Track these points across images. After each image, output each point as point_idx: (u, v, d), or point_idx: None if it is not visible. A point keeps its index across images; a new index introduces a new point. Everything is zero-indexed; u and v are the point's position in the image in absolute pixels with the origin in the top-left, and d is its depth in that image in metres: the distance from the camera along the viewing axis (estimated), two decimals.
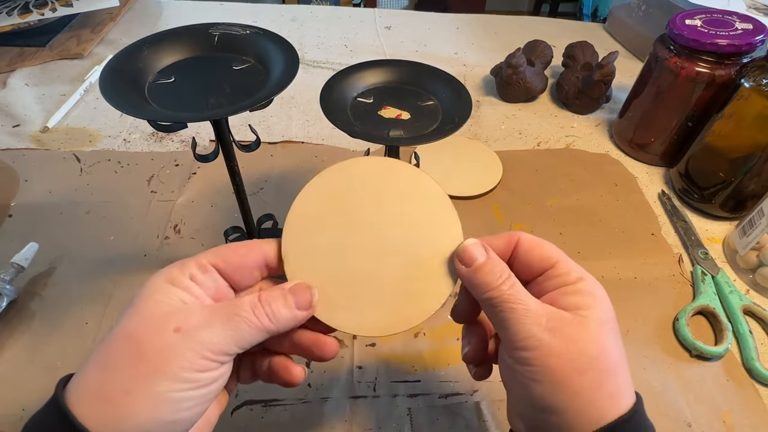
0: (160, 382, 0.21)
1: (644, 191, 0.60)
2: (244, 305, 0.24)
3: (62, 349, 0.42)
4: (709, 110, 0.54)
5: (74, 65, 0.77)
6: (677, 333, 0.45)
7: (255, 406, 0.39)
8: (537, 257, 0.27)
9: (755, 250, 0.49)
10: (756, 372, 0.42)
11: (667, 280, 0.50)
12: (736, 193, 0.53)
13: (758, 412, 0.40)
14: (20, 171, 0.58)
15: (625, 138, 0.65)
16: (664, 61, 0.56)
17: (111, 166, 0.60)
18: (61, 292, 0.46)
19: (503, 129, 0.69)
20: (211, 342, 0.22)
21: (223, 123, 0.35)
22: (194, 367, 0.22)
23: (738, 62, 0.52)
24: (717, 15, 0.55)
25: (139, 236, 0.51)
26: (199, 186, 0.58)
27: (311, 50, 0.85)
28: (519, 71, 0.69)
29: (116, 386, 0.21)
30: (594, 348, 0.24)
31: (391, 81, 0.41)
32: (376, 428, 0.39)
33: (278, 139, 0.65)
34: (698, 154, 0.56)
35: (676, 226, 0.55)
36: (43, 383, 0.40)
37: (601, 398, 0.23)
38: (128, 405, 0.21)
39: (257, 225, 0.45)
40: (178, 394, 0.22)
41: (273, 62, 0.35)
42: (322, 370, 0.42)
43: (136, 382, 0.21)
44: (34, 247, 0.47)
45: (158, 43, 0.36)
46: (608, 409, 0.23)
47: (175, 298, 0.23)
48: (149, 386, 0.21)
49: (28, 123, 0.65)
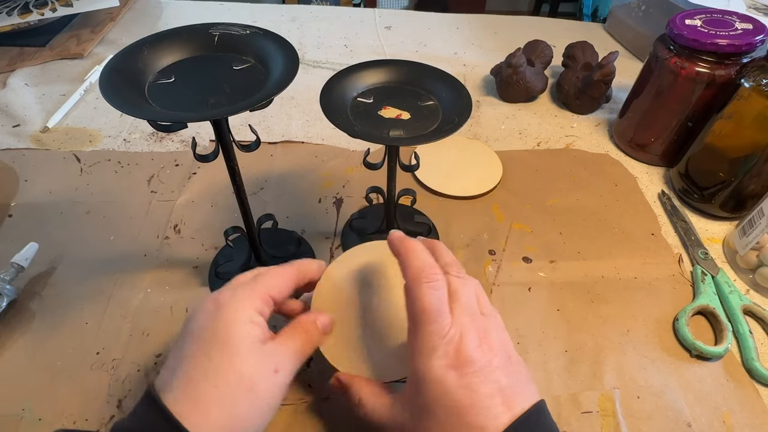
0: (267, 417, 0.29)
1: (644, 191, 0.60)
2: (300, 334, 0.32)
3: (62, 349, 0.42)
4: (709, 110, 0.54)
5: (74, 65, 0.77)
6: (677, 333, 0.45)
7: None
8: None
9: (755, 250, 0.49)
10: (756, 372, 0.42)
11: (667, 280, 0.50)
12: (736, 193, 0.53)
13: (758, 412, 0.40)
14: (20, 171, 0.58)
15: (625, 138, 0.65)
16: (664, 61, 0.56)
17: (111, 166, 0.60)
18: (61, 292, 0.46)
19: (503, 129, 0.69)
20: (292, 372, 0.30)
21: (223, 123, 0.35)
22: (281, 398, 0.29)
23: (738, 62, 0.52)
24: (717, 15, 0.55)
25: (139, 236, 0.51)
26: (199, 186, 0.58)
27: (311, 50, 0.85)
28: (519, 71, 0.69)
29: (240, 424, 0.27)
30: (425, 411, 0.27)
31: (391, 81, 0.41)
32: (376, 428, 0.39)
33: (278, 139, 0.65)
34: (698, 154, 0.56)
35: (676, 226, 0.55)
36: (43, 383, 0.40)
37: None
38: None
39: (257, 225, 0.45)
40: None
41: (273, 62, 0.35)
42: (322, 370, 0.42)
43: (254, 421, 0.28)
44: (34, 247, 0.47)
45: (158, 43, 0.36)
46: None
47: (259, 335, 0.29)
48: (263, 421, 0.28)
49: (28, 123, 0.65)
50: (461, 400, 0.25)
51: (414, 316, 0.28)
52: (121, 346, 0.42)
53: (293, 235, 0.51)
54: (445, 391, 0.26)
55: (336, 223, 0.54)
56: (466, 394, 0.25)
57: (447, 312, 0.27)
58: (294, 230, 0.52)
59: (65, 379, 0.40)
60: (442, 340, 0.26)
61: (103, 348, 0.42)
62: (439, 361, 0.26)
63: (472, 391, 0.25)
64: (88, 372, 0.40)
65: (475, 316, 0.28)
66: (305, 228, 0.53)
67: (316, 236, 0.52)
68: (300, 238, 0.51)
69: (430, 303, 0.27)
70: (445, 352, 0.26)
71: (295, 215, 0.54)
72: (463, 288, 0.29)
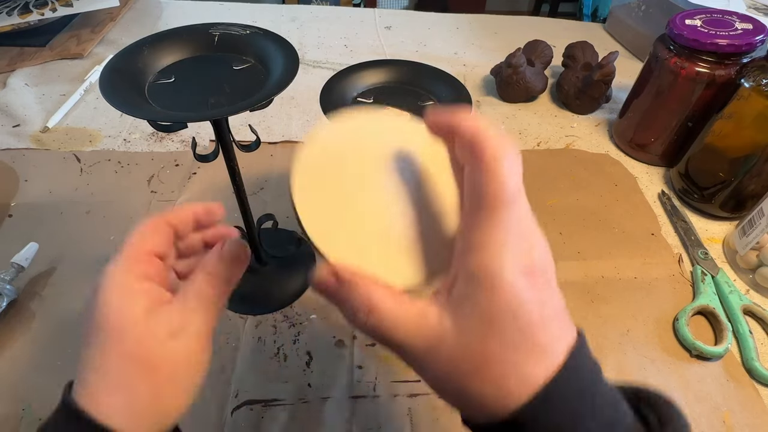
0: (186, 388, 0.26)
1: (644, 191, 0.60)
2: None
3: (62, 349, 0.42)
4: (709, 110, 0.54)
5: (74, 65, 0.77)
6: (677, 333, 0.45)
7: (255, 406, 0.39)
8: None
9: (755, 250, 0.49)
10: (756, 372, 0.42)
11: (667, 280, 0.50)
12: (736, 193, 0.53)
13: (758, 412, 0.40)
14: (20, 171, 0.58)
15: (625, 138, 0.65)
16: (664, 61, 0.56)
17: (111, 166, 0.60)
18: (61, 292, 0.46)
19: (503, 129, 0.69)
20: (201, 326, 0.26)
21: (223, 123, 0.35)
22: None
23: (738, 62, 0.52)
24: (717, 15, 0.55)
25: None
26: (199, 186, 0.58)
27: (311, 50, 0.85)
28: (519, 71, 0.69)
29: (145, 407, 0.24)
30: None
31: (391, 81, 0.41)
32: (376, 428, 0.39)
33: (278, 139, 0.65)
34: (698, 154, 0.56)
35: (676, 226, 0.55)
36: (43, 383, 0.40)
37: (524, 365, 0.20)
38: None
39: (257, 225, 0.45)
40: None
41: (273, 62, 0.35)
42: (322, 371, 0.42)
43: (168, 397, 0.25)
44: (34, 247, 0.47)
45: (158, 43, 0.36)
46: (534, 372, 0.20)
47: (142, 305, 0.25)
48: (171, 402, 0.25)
49: (28, 123, 0.65)
50: (532, 313, 0.20)
51: (484, 198, 0.21)
52: None
53: (293, 235, 0.51)
54: (519, 302, 0.20)
55: None
56: (536, 309, 0.20)
57: (524, 200, 0.21)
58: (294, 230, 0.52)
59: (65, 379, 0.40)
60: (516, 235, 0.20)
61: None
62: (513, 260, 0.20)
63: (543, 304, 0.20)
64: None
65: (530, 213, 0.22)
66: None
67: None
68: (300, 238, 0.51)
69: (513, 184, 0.20)
70: (519, 250, 0.20)
71: None
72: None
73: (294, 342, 0.44)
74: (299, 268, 0.49)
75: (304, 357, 0.43)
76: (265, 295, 0.47)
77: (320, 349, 0.43)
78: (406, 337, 0.21)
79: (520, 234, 0.20)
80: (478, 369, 0.20)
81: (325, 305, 0.46)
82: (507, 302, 0.20)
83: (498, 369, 0.20)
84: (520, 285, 0.20)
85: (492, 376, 0.20)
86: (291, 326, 0.45)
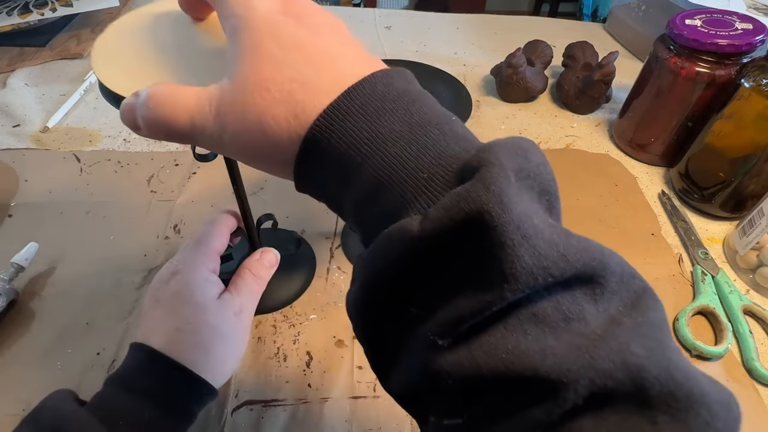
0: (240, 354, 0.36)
1: (644, 191, 0.60)
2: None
3: (62, 349, 0.42)
4: (709, 110, 0.54)
5: (74, 65, 0.77)
6: (677, 333, 0.45)
7: (255, 406, 0.39)
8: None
9: (755, 250, 0.49)
10: (756, 372, 0.42)
11: (667, 280, 0.50)
12: (736, 193, 0.53)
13: (758, 412, 0.40)
14: (20, 171, 0.58)
15: (625, 138, 0.65)
16: (664, 61, 0.56)
17: (111, 165, 0.60)
18: (61, 292, 0.46)
19: (503, 129, 0.69)
20: (252, 310, 0.38)
21: None
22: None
23: (738, 62, 0.52)
24: (717, 15, 0.55)
25: (139, 236, 0.51)
26: (199, 186, 0.58)
27: None
28: (519, 71, 0.69)
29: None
30: (251, 92, 0.19)
31: None
32: (376, 429, 0.39)
33: None
34: (698, 154, 0.56)
35: (676, 226, 0.55)
36: (43, 383, 0.40)
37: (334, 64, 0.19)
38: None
39: (257, 225, 0.45)
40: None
41: None
42: (322, 371, 0.42)
43: (229, 358, 0.35)
44: (34, 247, 0.47)
45: None
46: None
47: (216, 290, 0.35)
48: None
49: (28, 123, 0.65)
50: (298, 36, 0.19)
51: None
52: (121, 347, 0.42)
53: (293, 235, 0.51)
54: (277, 25, 0.19)
55: (336, 223, 0.54)
56: (305, 34, 0.20)
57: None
58: (294, 230, 0.52)
59: (65, 379, 0.40)
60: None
61: (103, 348, 0.42)
62: (265, 5, 0.20)
63: (316, 35, 0.20)
64: (88, 372, 0.40)
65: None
66: (305, 228, 0.53)
67: (316, 236, 0.52)
68: (300, 238, 0.51)
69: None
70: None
71: (295, 215, 0.54)
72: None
73: (294, 342, 0.44)
74: (299, 268, 0.49)
75: (304, 357, 0.43)
76: (265, 295, 0.47)
77: (320, 349, 0.43)
78: (190, 114, 0.20)
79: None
80: (264, 99, 0.18)
81: (325, 305, 0.46)
82: (267, 28, 0.19)
83: (280, 88, 0.18)
84: (277, 18, 0.20)
85: (278, 99, 0.18)
86: (291, 326, 0.45)
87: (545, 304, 0.16)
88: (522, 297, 0.15)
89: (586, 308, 0.16)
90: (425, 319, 0.16)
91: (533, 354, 0.15)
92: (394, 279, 0.17)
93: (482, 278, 0.15)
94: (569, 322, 0.15)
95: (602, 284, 0.16)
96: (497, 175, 0.15)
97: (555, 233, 0.16)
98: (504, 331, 0.15)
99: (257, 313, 0.45)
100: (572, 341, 0.15)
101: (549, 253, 0.15)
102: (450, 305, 0.16)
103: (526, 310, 0.15)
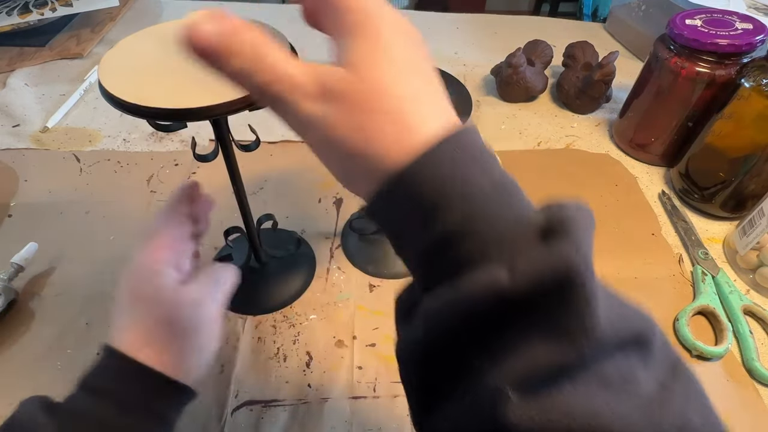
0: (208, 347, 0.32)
1: (644, 191, 0.60)
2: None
3: (62, 349, 0.42)
4: (709, 110, 0.54)
5: (74, 65, 0.77)
6: (677, 333, 0.45)
7: (255, 406, 0.39)
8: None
9: (755, 250, 0.49)
10: (756, 372, 0.42)
11: (667, 280, 0.50)
12: (736, 193, 0.53)
13: (758, 412, 0.40)
14: (20, 171, 0.58)
15: (626, 138, 0.65)
16: (664, 61, 0.56)
17: (111, 166, 0.60)
18: (61, 292, 0.46)
19: (503, 129, 0.69)
20: (217, 301, 0.33)
21: (223, 123, 0.35)
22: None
23: (738, 62, 0.52)
24: (717, 15, 0.55)
25: (139, 236, 0.51)
26: None
27: (311, 50, 0.85)
28: (519, 71, 0.69)
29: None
30: (372, 94, 0.19)
31: None
32: (376, 429, 0.39)
33: (278, 139, 0.65)
34: (698, 154, 0.56)
35: (676, 226, 0.55)
36: (43, 383, 0.40)
37: (400, 131, 0.18)
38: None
39: (257, 225, 0.45)
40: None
41: None
42: (322, 371, 0.42)
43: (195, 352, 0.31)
44: (34, 247, 0.47)
45: None
46: (414, 135, 0.19)
47: (173, 282, 0.31)
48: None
49: (27, 123, 0.65)
50: (423, 70, 0.20)
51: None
52: None
53: (293, 235, 0.51)
54: (411, 50, 0.20)
55: (336, 223, 0.54)
56: (427, 67, 0.20)
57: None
58: (294, 230, 0.52)
59: (65, 379, 0.40)
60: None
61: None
62: (394, 12, 0.21)
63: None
64: None
65: None
66: (305, 228, 0.53)
67: (316, 236, 0.52)
68: (300, 238, 0.51)
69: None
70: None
71: (295, 215, 0.54)
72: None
73: (294, 342, 0.44)
74: (299, 268, 0.49)
75: (304, 357, 0.43)
76: (265, 295, 0.47)
77: (320, 349, 0.43)
78: (304, 75, 0.20)
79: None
80: (376, 100, 0.19)
81: (325, 305, 0.46)
82: (398, 37, 0.20)
83: (395, 103, 0.18)
84: (405, 27, 0.20)
85: (389, 108, 0.18)
86: (291, 326, 0.45)
87: (607, 363, 0.16)
88: (591, 354, 0.16)
89: (638, 371, 0.17)
90: (494, 369, 0.17)
91: (605, 414, 0.15)
92: (476, 326, 0.17)
93: (564, 332, 0.16)
94: (626, 383, 0.16)
95: (650, 348, 0.18)
96: (583, 238, 0.17)
97: (615, 296, 0.18)
98: (571, 388, 0.16)
99: (257, 313, 0.46)
100: (635, 403, 0.16)
101: (616, 315, 0.17)
102: (526, 356, 0.16)
103: (592, 368, 0.16)
